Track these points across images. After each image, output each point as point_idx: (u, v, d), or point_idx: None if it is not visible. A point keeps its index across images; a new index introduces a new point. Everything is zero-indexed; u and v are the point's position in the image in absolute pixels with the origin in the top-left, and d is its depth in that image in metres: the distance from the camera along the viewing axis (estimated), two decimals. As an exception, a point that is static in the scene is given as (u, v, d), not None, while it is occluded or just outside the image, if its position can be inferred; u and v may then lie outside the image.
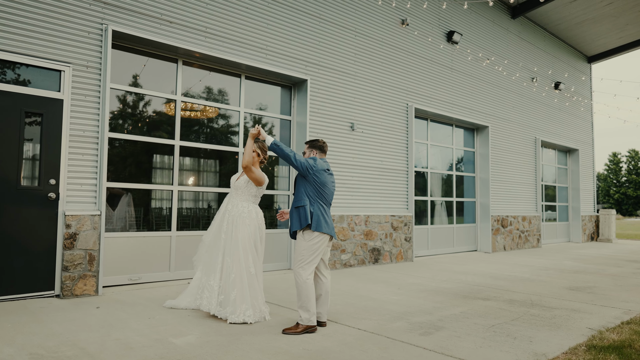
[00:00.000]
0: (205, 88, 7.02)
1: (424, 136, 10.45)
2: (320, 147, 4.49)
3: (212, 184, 7.14)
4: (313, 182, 4.22)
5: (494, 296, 5.85)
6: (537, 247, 13.12)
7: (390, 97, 9.19)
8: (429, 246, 10.32)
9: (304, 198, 4.23)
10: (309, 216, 4.16)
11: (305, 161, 4.21)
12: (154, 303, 5.08)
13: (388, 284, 6.66)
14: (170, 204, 6.53)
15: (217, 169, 7.26)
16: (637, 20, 13.93)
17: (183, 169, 6.79)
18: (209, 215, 7.03)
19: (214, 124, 7.20)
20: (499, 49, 12.22)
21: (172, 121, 6.63)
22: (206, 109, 7.05)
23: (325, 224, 4.22)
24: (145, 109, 6.44)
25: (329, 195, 4.35)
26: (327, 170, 4.34)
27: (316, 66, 7.92)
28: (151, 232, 6.32)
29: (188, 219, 6.78)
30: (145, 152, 6.45)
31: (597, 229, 16.43)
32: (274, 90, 7.84)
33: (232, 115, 7.30)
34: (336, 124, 8.18)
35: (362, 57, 8.69)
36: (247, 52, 7.05)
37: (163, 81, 6.57)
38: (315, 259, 4.18)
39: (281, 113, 7.88)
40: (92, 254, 5.40)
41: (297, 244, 4.25)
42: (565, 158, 15.79)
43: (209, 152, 7.10)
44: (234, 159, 7.31)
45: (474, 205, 11.69)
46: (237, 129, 7.31)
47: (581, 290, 6.35)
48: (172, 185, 6.55)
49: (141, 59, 6.35)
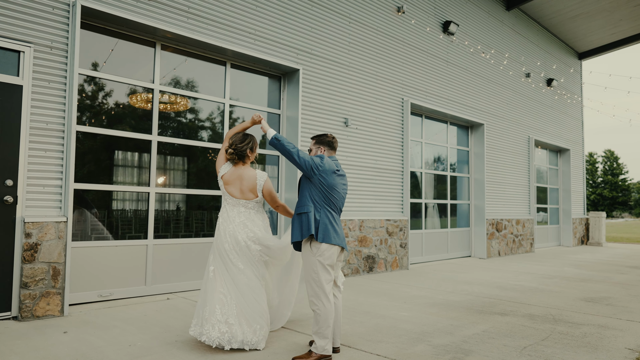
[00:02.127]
0: (187, 76, 6.51)
1: (419, 134, 10.20)
2: (330, 143, 4.07)
3: (195, 185, 6.63)
4: (319, 184, 3.80)
5: (511, 310, 5.60)
6: (530, 251, 13.11)
7: (386, 90, 8.88)
8: (423, 252, 10.08)
9: (308, 203, 3.80)
10: (313, 224, 3.73)
11: (310, 160, 3.79)
12: (131, 325, 4.58)
13: (391, 297, 6.33)
14: (147, 207, 6.00)
15: (202, 168, 6.76)
16: (631, 15, 14.12)
17: (162, 167, 6.27)
18: (189, 220, 6.53)
19: (196, 117, 6.69)
20: (493, 42, 12.10)
21: (148, 113, 6.10)
22: (187, 100, 6.53)
23: (335, 234, 3.81)
24: (118, 98, 5.88)
25: (339, 201, 3.94)
26: (336, 172, 3.92)
27: (308, 55, 7.51)
28: (124, 240, 5.78)
29: (167, 224, 6.27)
30: (116, 149, 5.90)
31: (587, 232, 16.64)
32: (261, 81, 7.39)
33: (216, 107, 6.81)
34: (329, 119, 7.80)
35: (357, 47, 8.34)
36: (233, 36, 6.58)
37: (139, 67, 6.03)
38: (330, 275, 3.78)
39: (269, 106, 7.44)
40: (56, 267, 4.84)
41: (304, 258, 3.84)
42: (557, 158, 15.90)
43: (193, 149, 6.60)
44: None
45: (467, 208, 11.53)
46: (222, 124, 6.83)
47: (597, 302, 6.20)
48: (149, 187, 6.02)
49: (115, 42, 5.79)
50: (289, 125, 7.40)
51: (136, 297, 5.78)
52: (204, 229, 6.62)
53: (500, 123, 12.25)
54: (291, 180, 7.28)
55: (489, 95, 11.87)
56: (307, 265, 3.79)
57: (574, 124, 16.34)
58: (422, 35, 9.82)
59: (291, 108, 7.39)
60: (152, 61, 6.11)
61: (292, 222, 3.88)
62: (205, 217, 6.69)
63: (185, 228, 6.45)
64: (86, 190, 5.58)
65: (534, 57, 13.94)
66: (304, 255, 3.82)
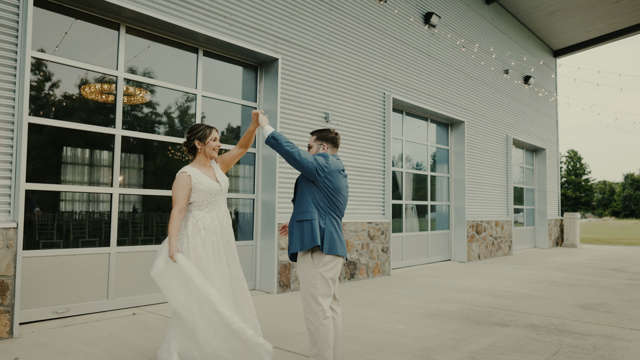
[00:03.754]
0: (155, 63, 6.05)
1: (399, 131, 10.02)
2: (333, 139, 3.74)
3: (162, 186, 6.18)
4: (324, 187, 3.48)
5: (510, 320, 5.46)
6: (508, 254, 13.21)
7: (367, 84, 8.64)
8: (404, 256, 9.92)
9: (312, 209, 3.47)
10: (318, 234, 3.42)
11: (314, 160, 3.43)
12: (95, 347, 4.13)
13: (380, 307, 6.09)
14: (109, 210, 5.52)
15: (169, 166, 6.31)
16: (607, 13, 14.47)
17: (127, 165, 5.79)
18: (148, 223, 6.06)
19: (164, 109, 6.24)
20: (473, 36, 12.09)
21: (110, 104, 5.61)
22: (154, 91, 6.07)
23: (340, 244, 3.52)
24: (75, 86, 5.37)
25: (343, 205, 3.64)
26: (341, 172, 3.63)
27: (288, 43, 7.17)
28: (84, 248, 5.29)
29: (130, 229, 5.79)
30: (71, 144, 5.40)
31: (562, 233, 16.99)
32: (235, 71, 7.00)
33: (187, 98, 6.37)
34: (310, 114, 7.49)
35: (338, 36, 8.06)
36: (207, 20, 6.17)
37: (101, 52, 5.53)
38: (330, 290, 3.48)
39: (243, 98, 7.06)
40: (4, 281, 4.33)
41: (302, 271, 3.51)
42: (532, 158, 16.15)
43: (162, 145, 6.14)
44: (188, 154, 6.39)
45: (447, 210, 11.47)
46: (194, 117, 6.40)
47: (594, 309, 6.17)
48: (112, 187, 5.54)
49: (72, 22, 5.28)
50: (266, 119, 7.03)
51: (97, 312, 5.30)
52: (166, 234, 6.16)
53: (480, 121, 12.26)
54: (268, 180, 6.92)
55: (469, 91, 11.85)
56: (306, 279, 3.47)
57: (549, 123, 16.65)
58: (404, 27, 9.64)
59: (269, 101, 7.04)
60: (116, 45, 5.63)
61: (291, 230, 3.54)
62: (166, 220, 6.22)
63: (145, 232, 5.98)
64: (34, 190, 5.06)
65: (512, 54, 14.07)
66: (303, 268, 3.50)
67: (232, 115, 6.98)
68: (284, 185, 6.93)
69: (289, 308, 5.91)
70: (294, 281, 6.99)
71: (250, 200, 7.06)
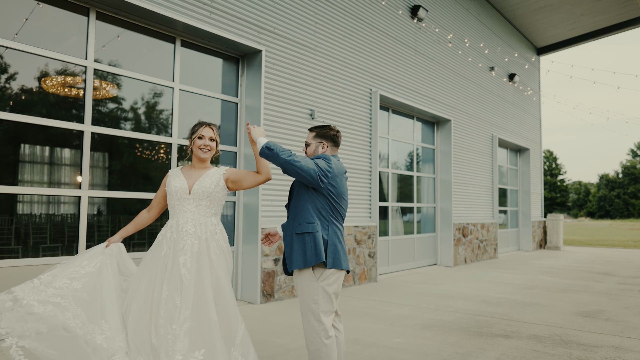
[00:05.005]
0: (128, 53, 5.69)
1: (385, 130, 9.85)
2: (334, 138, 3.46)
3: (131, 187, 5.83)
4: (327, 194, 3.21)
5: (512, 331, 5.33)
6: (494, 257, 13.21)
7: (353, 79, 8.43)
8: (390, 261, 9.75)
9: (313, 219, 3.20)
10: (323, 248, 3.16)
11: (315, 166, 3.13)
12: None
13: (373, 317, 5.88)
14: (77, 213, 5.15)
15: (140, 165, 5.96)
16: (593, 10, 14.64)
17: (96, 165, 5.42)
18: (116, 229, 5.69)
19: (138, 104, 5.88)
20: (460, 32, 12.02)
21: (78, 97, 5.24)
22: (128, 83, 5.71)
23: (344, 255, 3.28)
24: (36, 77, 4.99)
25: (345, 210, 3.40)
26: (344, 174, 3.39)
27: (271, 34, 6.89)
28: (45, 258, 4.91)
29: (100, 236, 5.43)
30: (29, 141, 5.01)
31: (545, 235, 17.16)
32: (214, 63, 6.69)
33: (162, 93, 6.03)
34: (295, 111, 7.23)
35: (323, 28, 7.82)
36: (185, 6, 5.84)
37: (67, 39, 5.15)
38: (333, 306, 3.24)
39: (223, 92, 6.75)
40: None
41: (301, 285, 3.24)
42: (516, 158, 16.24)
43: (132, 143, 5.79)
44: (165, 152, 6.06)
45: (433, 212, 11.36)
46: (170, 113, 6.06)
47: (594, 317, 6.10)
48: (80, 190, 5.17)
49: (35, 5, 4.89)
50: (249, 116, 6.75)
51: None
52: (144, 242, 5.83)
53: (467, 119, 12.20)
54: (251, 181, 6.63)
55: (456, 89, 11.78)
56: (306, 294, 3.21)
57: (533, 122, 16.78)
58: (391, 19, 9.47)
59: (251, 96, 6.74)
60: (85, 32, 5.26)
61: (289, 243, 3.26)
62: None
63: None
64: None
65: (497, 51, 14.08)
66: (302, 282, 3.23)
67: (212, 111, 6.67)
68: (268, 186, 6.64)
69: (275, 320, 5.64)
70: (278, 290, 6.72)
71: (231, 203, 6.76)
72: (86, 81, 5.24)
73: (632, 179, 74.67)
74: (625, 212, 73.17)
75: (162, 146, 6.04)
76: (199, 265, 3.12)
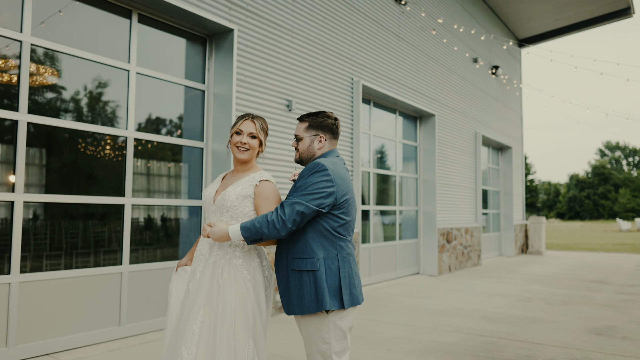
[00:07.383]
0: (74, 29, 5.00)
1: (366, 125, 9.40)
2: (332, 128, 2.85)
3: (73, 189, 5.14)
4: (334, 210, 2.67)
5: (526, 355, 4.95)
6: (478, 264, 12.98)
7: (334, 67, 7.92)
8: (371, 271, 9.30)
9: (313, 252, 2.61)
10: (327, 291, 2.58)
11: (311, 198, 2.55)
12: None
13: (366, 340, 5.40)
14: (10, 220, 4.44)
15: (81, 163, 5.27)
16: (579, 0, 14.62)
17: (33, 163, 4.71)
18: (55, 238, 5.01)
19: (87, 89, 5.19)
20: (443, 18, 11.69)
21: (10, 79, 4.53)
22: (71, 64, 5.02)
23: (359, 283, 2.77)
24: (-39, 53, 4.27)
25: (355, 219, 2.86)
26: (345, 169, 2.85)
27: (244, 11, 6.31)
28: (-28, 277, 4.19)
29: (37, 248, 4.73)
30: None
31: (527, 239, 17.12)
32: (177, 43, 6.05)
33: (116, 76, 5.36)
34: (270, 101, 6.67)
35: (302, 7, 7.28)
36: (145, -26, 5.20)
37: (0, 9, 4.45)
38: (347, 343, 2.72)
39: (187, 78, 6.12)
40: None
41: (305, 322, 2.70)
42: (498, 157, 16.10)
43: (78, 136, 5.10)
44: (119, 147, 5.39)
45: (415, 216, 10.99)
46: (126, 101, 5.40)
47: (609, 334, 5.83)
48: (13, 193, 4.46)
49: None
50: (217, 106, 6.14)
51: (-8, 366, 4.24)
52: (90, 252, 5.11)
53: (451, 115, 11.90)
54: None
55: (440, 80, 11.44)
56: (313, 333, 2.66)
57: (515, 119, 16.71)
58: (374, 1, 9.01)
59: (221, 83, 6.14)
60: (20, 6, 4.55)
61: (284, 279, 2.71)
62: (88, 232, 5.16)
63: (56, 253, 4.92)
64: None
65: (481, 41, 13.86)
66: (307, 317, 2.69)
67: (174, 99, 6.03)
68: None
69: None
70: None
71: (196, 208, 6.14)
72: (21, 59, 4.53)
73: (601, 179, 77.29)
74: (595, 213, 75.63)
75: (117, 140, 5.38)
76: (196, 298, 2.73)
